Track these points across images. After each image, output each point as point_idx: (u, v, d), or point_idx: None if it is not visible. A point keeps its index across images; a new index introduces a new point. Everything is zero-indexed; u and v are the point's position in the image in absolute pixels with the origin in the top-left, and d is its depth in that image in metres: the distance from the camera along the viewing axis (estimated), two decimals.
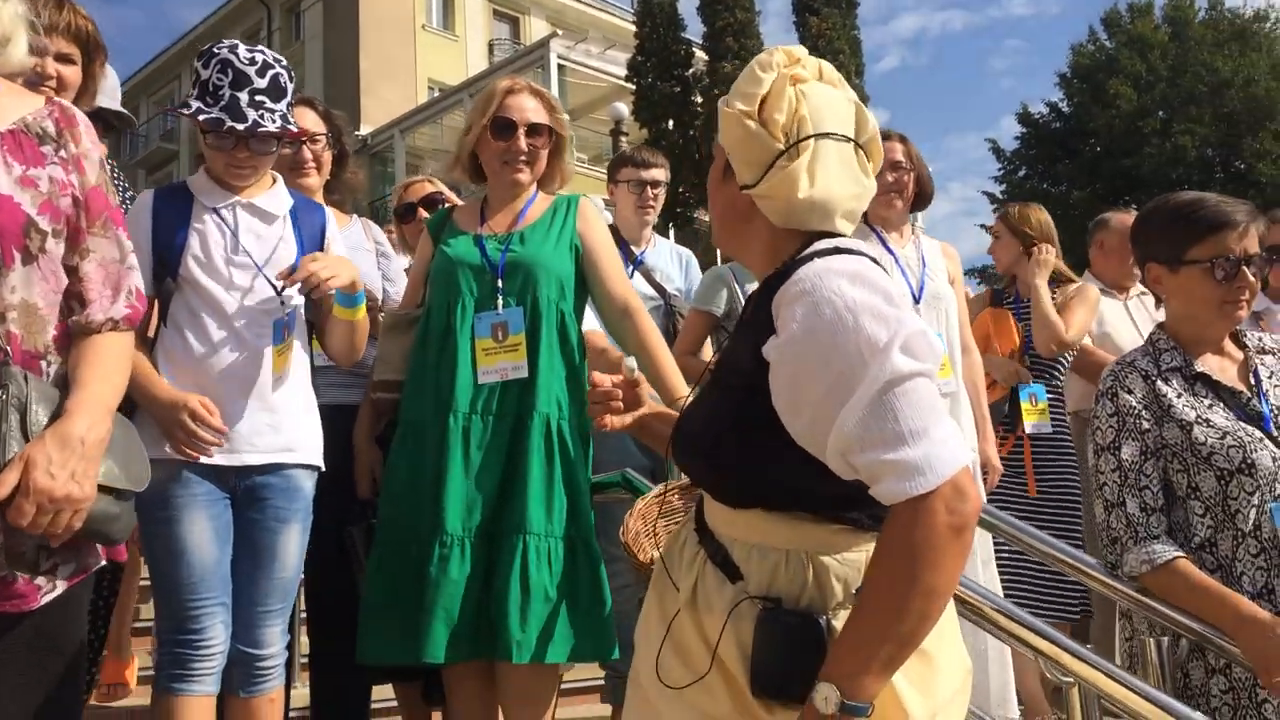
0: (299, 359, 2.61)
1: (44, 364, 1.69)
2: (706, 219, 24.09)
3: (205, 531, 2.43)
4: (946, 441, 1.31)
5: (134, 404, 2.36)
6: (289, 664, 2.98)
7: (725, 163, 1.60)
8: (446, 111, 28.37)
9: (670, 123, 24.04)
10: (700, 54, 25.01)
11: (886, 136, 3.65)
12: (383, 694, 3.40)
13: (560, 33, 27.49)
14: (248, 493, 2.51)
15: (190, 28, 36.58)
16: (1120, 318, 4.37)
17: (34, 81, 2.42)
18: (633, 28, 26.41)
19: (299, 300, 2.61)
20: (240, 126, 2.44)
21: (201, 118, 2.44)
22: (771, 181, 1.50)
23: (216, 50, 2.50)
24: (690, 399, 1.72)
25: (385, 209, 28.05)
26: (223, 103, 2.44)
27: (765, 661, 1.41)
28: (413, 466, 2.73)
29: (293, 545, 2.56)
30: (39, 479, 1.55)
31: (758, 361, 1.44)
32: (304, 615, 3.27)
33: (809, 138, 1.49)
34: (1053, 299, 4.10)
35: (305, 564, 2.75)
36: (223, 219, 2.57)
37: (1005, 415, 4.03)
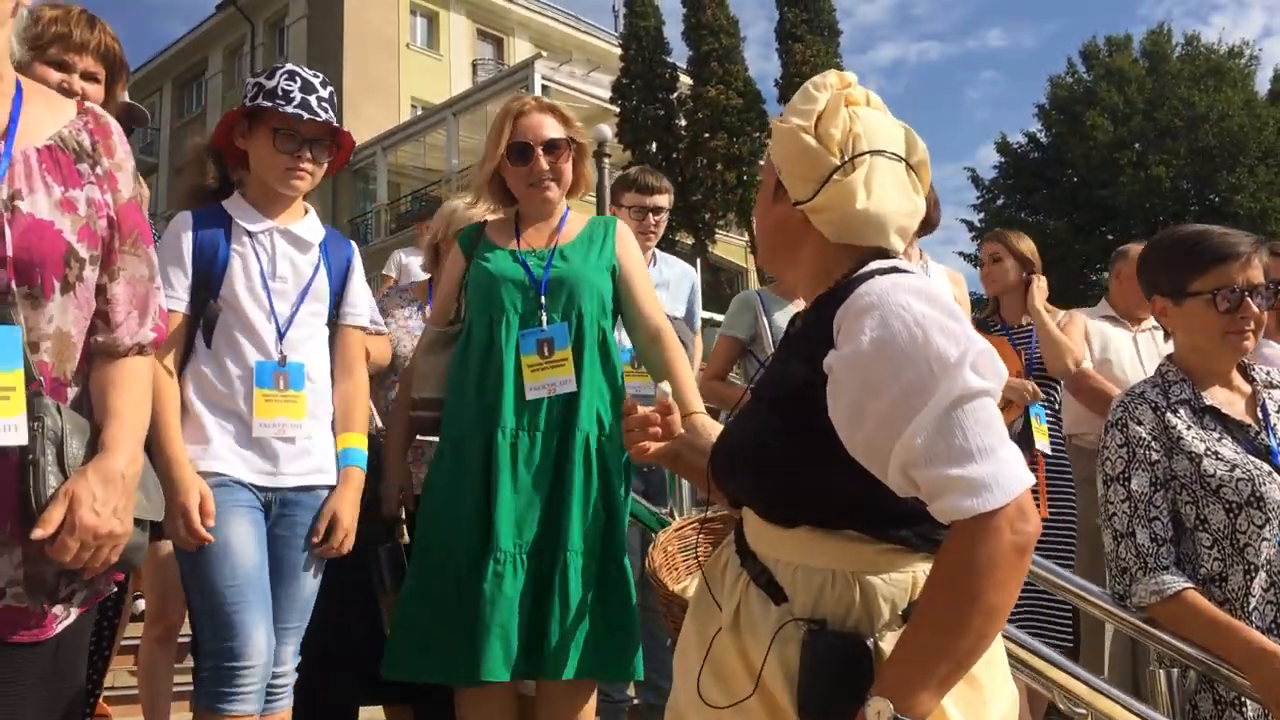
0: (326, 389, 2.64)
1: (70, 390, 1.66)
2: (689, 241, 24.24)
3: (250, 535, 2.44)
4: (1012, 461, 1.31)
5: None
6: None
7: (776, 182, 1.61)
8: (429, 130, 28.38)
9: (654, 145, 24.17)
10: (684, 78, 25.19)
11: None
12: (371, 715, 3.36)
13: (544, 54, 27.58)
14: (280, 509, 2.53)
15: (173, 41, 36.53)
16: (1124, 346, 4.39)
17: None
18: (617, 51, 26.59)
19: (321, 334, 2.64)
20: (319, 119, 2.53)
21: (282, 110, 2.51)
22: (828, 194, 1.51)
23: (279, 66, 2.62)
24: (732, 419, 1.72)
25: (366, 226, 28.00)
26: (295, 103, 2.53)
27: (813, 685, 1.39)
28: (455, 484, 2.73)
29: (315, 564, 2.58)
30: (85, 517, 1.54)
31: (814, 374, 1.44)
32: None
33: (864, 154, 1.51)
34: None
35: None
36: (261, 244, 2.60)
37: (1019, 435, 4.01)
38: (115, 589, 1.82)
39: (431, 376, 2.88)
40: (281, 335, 2.55)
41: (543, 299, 2.78)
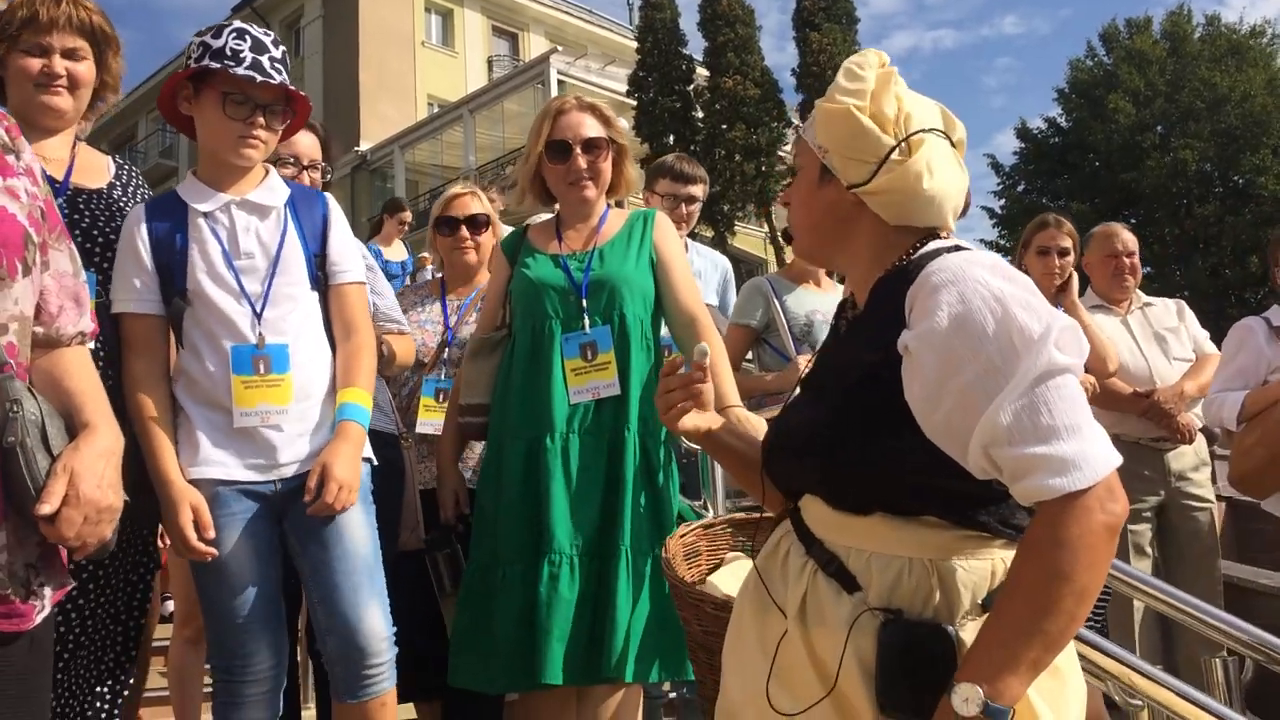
0: (319, 363, 2.47)
1: (29, 375, 1.64)
2: (709, 233, 24.15)
3: (245, 552, 2.34)
4: (1099, 440, 1.28)
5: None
6: (295, 685, 2.89)
7: (821, 167, 1.55)
8: (446, 127, 28.39)
9: (671, 138, 24.10)
10: (701, 70, 25.10)
11: None
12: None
13: (560, 49, 27.53)
14: (293, 493, 2.36)
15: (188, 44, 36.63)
16: (1119, 335, 4.27)
17: (42, 84, 2.35)
18: (632, 44, 26.54)
19: (306, 306, 2.47)
20: (274, 81, 2.37)
21: (233, 71, 2.33)
22: (888, 176, 1.47)
23: (227, 24, 2.42)
24: (787, 407, 1.66)
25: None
26: (246, 64, 2.35)
27: (894, 677, 1.34)
28: (503, 489, 2.71)
29: (357, 523, 2.40)
30: (88, 491, 1.55)
31: (886, 356, 1.40)
32: (302, 634, 3.22)
33: (919, 132, 1.48)
34: None
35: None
36: (218, 222, 2.43)
37: None
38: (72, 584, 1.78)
39: (479, 382, 2.86)
40: (258, 316, 2.38)
41: (584, 302, 2.76)
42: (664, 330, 2.95)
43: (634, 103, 24.58)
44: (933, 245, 1.49)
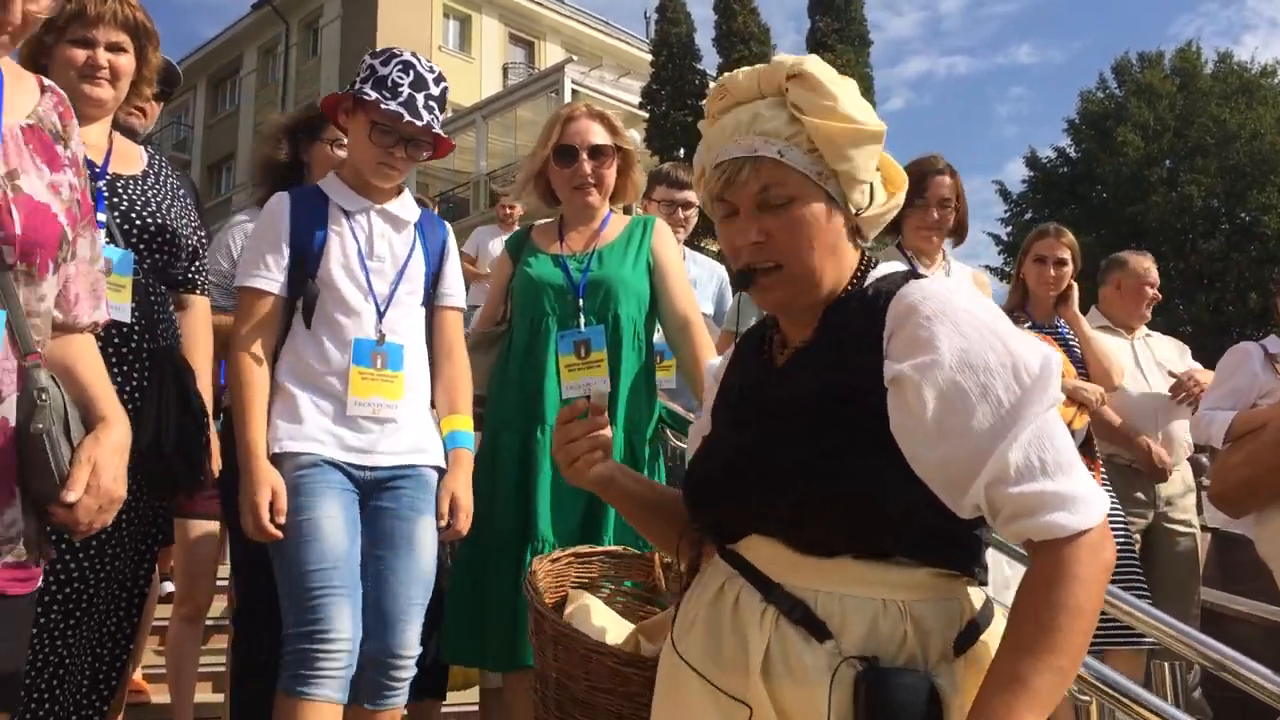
0: (422, 371, 2.64)
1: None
2: (715, 248, 24.22)
3: (338, 519, 2.41)
4: (1089, 476, 1.26)
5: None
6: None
7: (826, 194, 1.41)
8: (459, 132, 28.46)
9: (682, 151, 24.20)
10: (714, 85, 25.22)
11: (938, 170, 3.64)
12: None
13: (575, 59, 27.66)
14: (379, 484, 2.51)
15: (208, 39, 36.88)
16: (1124, 356, 4.40)
17: (86, 74, 2.46)
18: (647, 58, 26.64)
19: (417, 315, 2.65)
20: (419, 123, 2.51)
21: (384, 107, 2.48)
22: (889, 198, 1.44)
23: (398, 53, 2.58)
24: (719, 440, 1.52)
25: None
26: (401, 99, 2.50)
27: None
28: (495, 477, 2.82)
29: (428, 537, 2.53)
30: (106, 482, 1.61)
31: (858, 383, 1.32)
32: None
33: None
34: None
35: (241, 566, 2.81)
36: (358, 223, 2.60)
37: (1083, 442, 3.98)
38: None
39: (476, 374, 2.95)
40: (380, 315, 2.55)
41: (580, 301, 2.87)
42: (658, 336, 3.06)
43: (646, 115, 24.69)
44: (885, 269, 1.43)
